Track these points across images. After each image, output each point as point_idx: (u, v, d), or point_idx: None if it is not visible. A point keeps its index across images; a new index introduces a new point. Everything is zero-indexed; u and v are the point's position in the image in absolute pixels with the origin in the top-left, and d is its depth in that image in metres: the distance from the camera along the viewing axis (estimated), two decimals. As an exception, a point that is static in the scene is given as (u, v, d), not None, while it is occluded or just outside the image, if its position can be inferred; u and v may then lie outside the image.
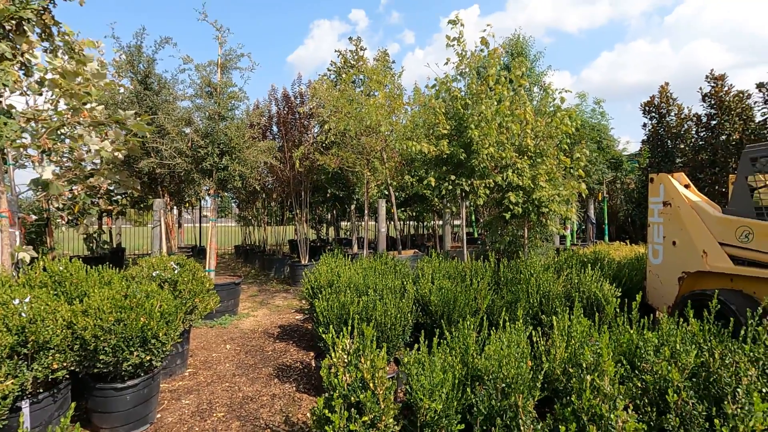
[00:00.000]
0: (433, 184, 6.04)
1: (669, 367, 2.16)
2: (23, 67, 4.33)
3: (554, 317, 3.00)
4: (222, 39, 6.63)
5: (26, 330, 2.68)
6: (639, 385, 2.24)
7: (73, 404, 1.98)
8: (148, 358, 3.10)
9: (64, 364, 2.86)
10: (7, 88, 4.08)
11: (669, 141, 12.07)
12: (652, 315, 3.66)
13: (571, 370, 2.44)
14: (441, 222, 12.27)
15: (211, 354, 4.88)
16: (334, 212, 13.72)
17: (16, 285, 3.45)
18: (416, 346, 2.59)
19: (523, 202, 6.00)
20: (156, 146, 6.74)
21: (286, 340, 5.38)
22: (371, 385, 2.22)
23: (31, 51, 4.34)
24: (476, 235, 14.15)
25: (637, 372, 2.38)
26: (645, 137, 12.84)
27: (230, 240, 19.46)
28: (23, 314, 2.73)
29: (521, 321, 3.06)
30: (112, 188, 7.71)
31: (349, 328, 2.97)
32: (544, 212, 6.10)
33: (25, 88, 4.87)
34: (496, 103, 6.08)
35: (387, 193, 9.00)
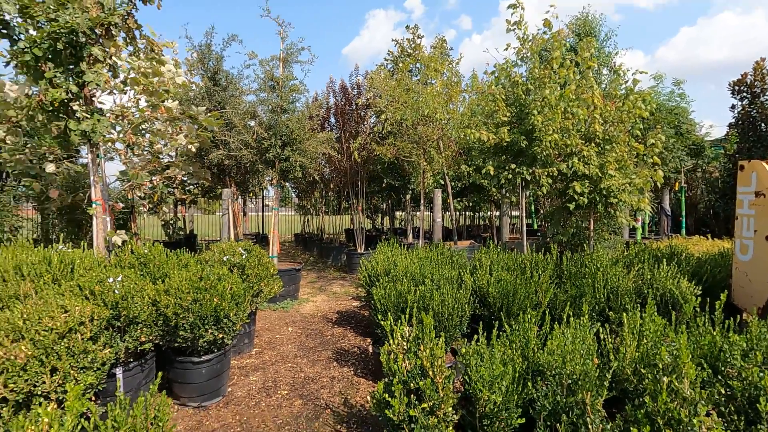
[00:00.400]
0: (491, 173, 5.86)
1: (761, 374, 1.96)
2: (111, 69, 4.78)
3: (624, 314, 2.83)
4: (284, 34, 6.85)
5: (119, 305, 3.00)
6: (723, 391, 2.06)
7: (159, 374, 2.19)
8: (220, 335, 3.35)
9: (150, 338, 3.17)
10: (99, 88, 4.52)
11: (763, 124, 10.76)
12: (738, 317, 3.32)
13: (643, 370, 2.29)
14: (498, 213, 11.93)
15: (275, 335, 5.16)
16: (390, 202, 13.81)
17: (110, 265, 3.87)
18: (475, 337, 2.56)
19: (590, 192, 5.66)
20: (224, 139, 7.16)
21: (343, 326, 5.55)
22: (431, 373, 2.23)
23: (117, 53, 4.77)
24: (536, 227, 13.61)
25: (720, 377, 2.19)
26: (733, 120, 11.55)
27: (290, 228, 20.30)
28: (116, 291, 3.05)
29: (587, 317, 2.91)
30: (185, 179, 8.33)
31: (407, 316, 2.99)
32: (612, 203, 5.71)
33: (112, 88, 5.38)
34: (560, 87, 5.75)
35: (443, 182, 8.89)
